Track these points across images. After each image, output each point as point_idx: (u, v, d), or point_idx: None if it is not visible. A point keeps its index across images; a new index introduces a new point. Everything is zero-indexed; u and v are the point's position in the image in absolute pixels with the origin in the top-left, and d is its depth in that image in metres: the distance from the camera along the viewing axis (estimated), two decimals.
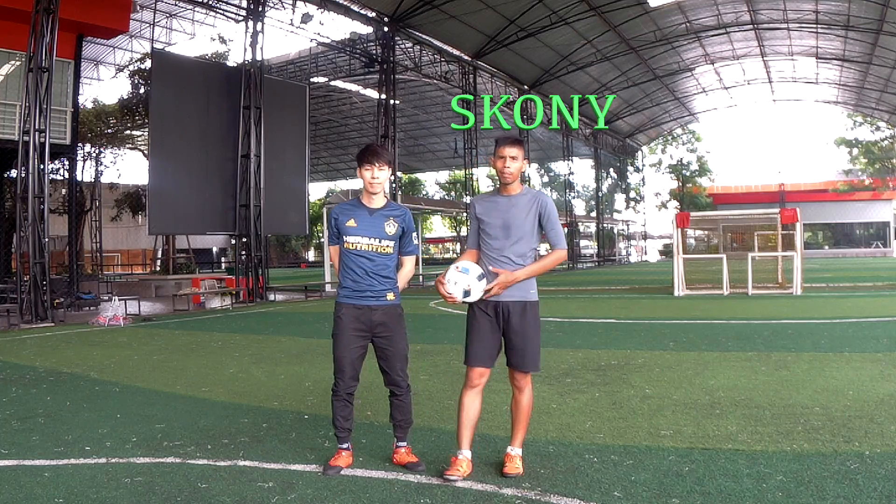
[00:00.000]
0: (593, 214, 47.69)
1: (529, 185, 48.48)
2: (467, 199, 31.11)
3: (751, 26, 29.59)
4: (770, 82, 41.15)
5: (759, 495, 3.17)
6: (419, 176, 66.15)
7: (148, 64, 22.99)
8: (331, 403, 3.81)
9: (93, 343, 10.04)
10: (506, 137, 3.66)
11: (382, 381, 3.91)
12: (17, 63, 15.78)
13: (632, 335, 9.36)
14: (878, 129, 47.69)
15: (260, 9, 18.92)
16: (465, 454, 3.61)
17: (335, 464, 3.74)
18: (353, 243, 3.78)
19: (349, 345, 3.75)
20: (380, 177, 3.77)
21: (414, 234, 3.96)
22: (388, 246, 3.81)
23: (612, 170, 53.41)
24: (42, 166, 13.44)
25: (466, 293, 3.50)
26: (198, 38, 35.28)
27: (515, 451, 3.61)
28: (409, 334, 3.97)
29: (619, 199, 55.23)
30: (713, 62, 36.15)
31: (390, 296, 3.81)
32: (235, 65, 20.51)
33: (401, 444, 3.86)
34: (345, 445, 3.81)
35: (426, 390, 5.82)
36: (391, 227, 3.80)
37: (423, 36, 25.78)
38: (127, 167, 57.23)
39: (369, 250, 3.77)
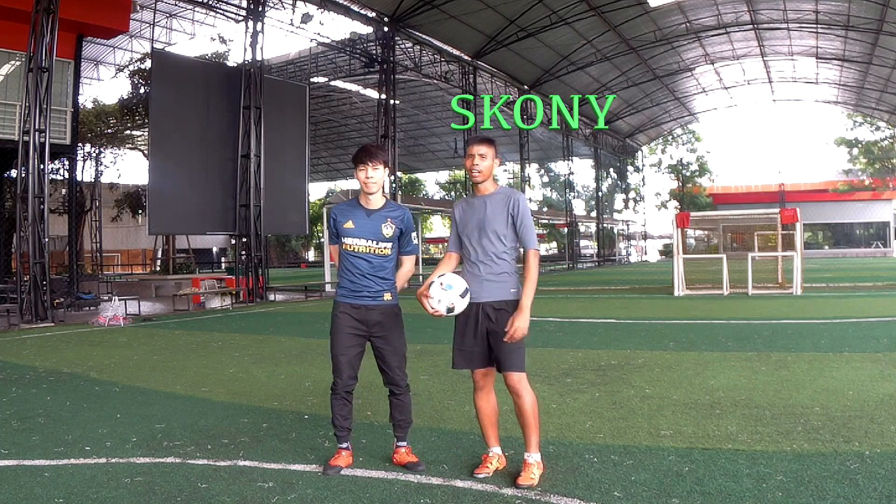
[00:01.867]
0: (593, 214, 47.67)
1: (529, 184, 47.84)
2: None
3: (751, 26, 29.57)
4: (770, 82, 41.13)
5: (759, 495, 3.17)
6: (419, 176, 66.15)
7: (148, 64, 23.01)
8: (330, 403, 3.81)
9: (93, 343, 10.04)
10: (475, 137, 3.68)
11: (382, 381, 3.92)
12: (17, 63, 15.78)
13: (632, 335, 9.36)
14: (878, 129, 47.67)
15: (260, 9, 18.91)
16: (495, 451, 3.66)
17: (335, 464, 3.74)
18: (350, 245, 3.78)
19: (346, 343, 3.75)
20: (374, 176, 3.76)
21: (413, 234, 3.95)
22: (385, 248, 3.80)
23: (612, 170, 53.39)
24: (42, 166, 13.43)
25: (450, 309, 3.49)
26: (198, 38, 35.30)
27: (533, 457, 3.52)
28: (409, 334, 3.98)
29: (619, 199, 55.21)
30: (713, 62, 36.13)
31: (387, 296, 3.81)
32: (235, 65, 20.51)
33: (401, 443, 3.86)
34: (344, 445, 3.82)
35: (426, 390, 5.82)
36: (388, 229, 3.80)
37: (423, 36, 25.77)
38: (127, 167, 57.24)
39: (367, 252, 3.77)
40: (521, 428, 3.59)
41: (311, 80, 31.16)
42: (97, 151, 29.87)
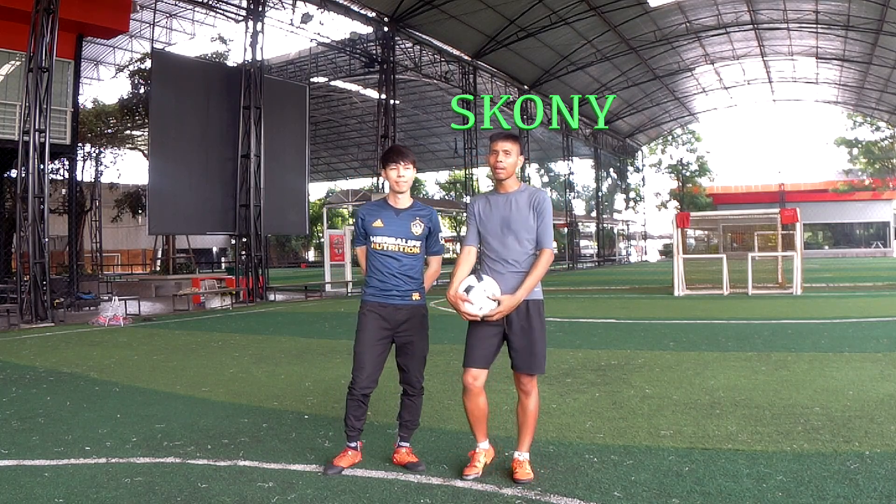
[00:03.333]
0: (593, 214, 47.68)
1: (528, 183, 48.77)
2: (467, 200, 31.12)
3: (751, 26, 29.58)
4: (770, 82, 41.14)
5: (759, 495, 3.17)
6: (419, 176, 66.15)
7: (148, 64, 23.01)
8: (345, 402, 3.79)
9: (93, 343, 10.04)
10: (499, 133, 3.63)
11: (393, 380, 3.90)
12: (17, 63, 15.78)
13: (632, 335, 9.36)
14: (878, 129, 47.68)
15: (260, 9, 18.92)
16: (483, 445, 3.64)
17: (338, 463, 3.73)
18: (379, 243, 3.77)
19: (371, 342, 3.74)
20: (406, 175, 3.77)
21: (440, 234, 3.94)
22: (414, 246, 3.80)
23: (612, 170, 53.40)
24: (42, 166, 13.43)
25: (486, 316, 3.50)
26: (198, 38, 35.31)
27: (524, 455, 3.56)
28: None
29: (619, 199, 55.23)
30: (713, 62, 36.14)
31: (416, 296, 3.81)
32: (235, 65, 20.51)
33: (403, 444, 3.86)
34: (353, 444, 3.81)
35: (426, 390, 5.79)
36: (418, 228, 3.80)
37: (423, 36, 25.78)
38: (127, 167, 57.19)
39: (396, 251, 3.77)
40: (520, 427, 3.60)
41: (311, 80, 31.15)
42: (97, 151, 29.88)
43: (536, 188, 3.70)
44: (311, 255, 67.53)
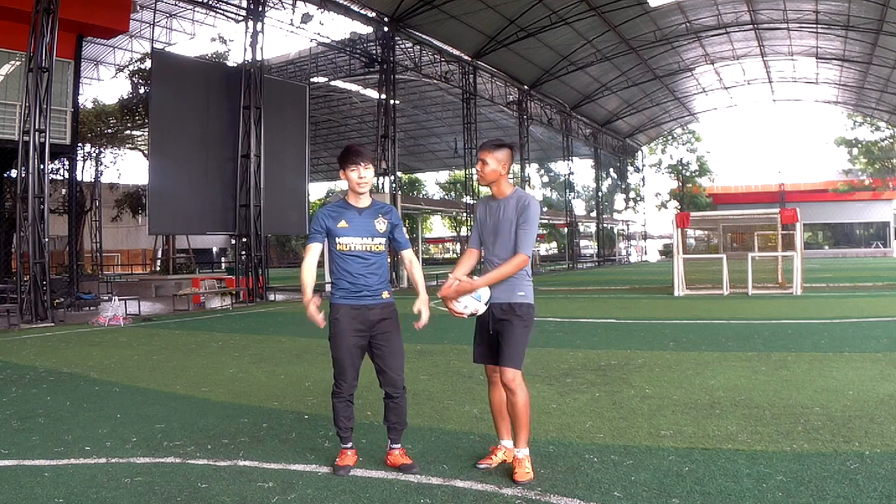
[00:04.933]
0: (593, 214, 47.67)
1: (529, 184, 48.11)
2: (467, 200, 31.14)
3: (751, 26, 29.57)
4: (770, 82, 41.11)
5: (759, 495, 3.17)
6: (419, 176, 66.16)
7: (148, 64, 23.01)
8: (332, 406, 3.79)
9: (93, 343, 10.04)
10: (485, 142, 3.78)
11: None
12: (17, 63, 15.78)
13: (632, 335, 9.36)
14: (878, 129, 47.65)
15: (260, 9, 18.91)
16: (506, 443, 3.76)
17: (344, 463, 3.73)
18: (346, 244, 3.76)
19: (350, 346, 3.74)
20: (367, 176, 3.78)
21: (403, 228, 3.99)
22: (380, 244, 3.83)
23: (612, 170, 53.39)
24: (42, 166, 13.43)
25: (472, 314, 3.68)
26: (198, 38, 35.34)
27: (522, 452, 3.58)
28: (408, 334, 3.98)
29: (619, 199, 55.22)
30: (713, 62, 36.12)
31: (385, 294, 3.83)
32: (235, 65, 20.50)
33: (394, 445, 3.85)
34: (349, 445, 3.82)
35: (426, 390, 5.82)
36: (381, 225, 3.83)
37: (423, 36, 25.76)
38: (127, 167, 56.99)
39: (363, 250, 3.77)
40: (512, 424, 3.66)
41: (311, 80, 31.14)
42: (97, 151, 29.86)
43: (524, 193, 3.75)
44: None
